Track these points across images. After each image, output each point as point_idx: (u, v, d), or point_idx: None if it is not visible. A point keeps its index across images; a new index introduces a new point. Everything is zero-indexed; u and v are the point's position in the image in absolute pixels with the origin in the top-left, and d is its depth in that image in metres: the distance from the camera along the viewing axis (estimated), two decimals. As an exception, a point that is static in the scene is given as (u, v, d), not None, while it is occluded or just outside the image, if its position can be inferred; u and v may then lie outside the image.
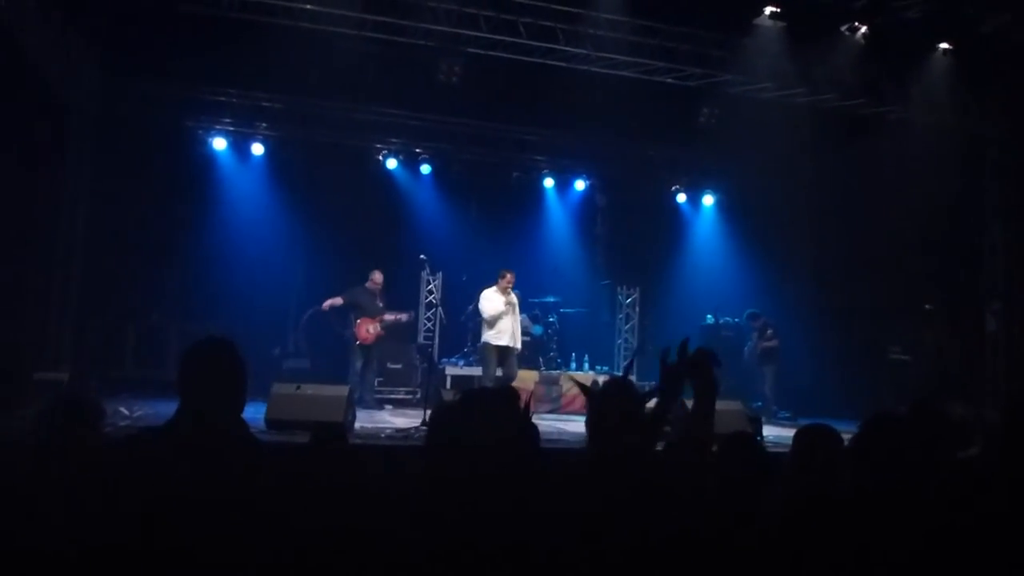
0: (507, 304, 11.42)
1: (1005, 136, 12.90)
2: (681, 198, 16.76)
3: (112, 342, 13.51)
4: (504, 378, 11.26)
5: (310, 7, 10.78)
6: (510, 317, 11.47)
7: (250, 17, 10.69)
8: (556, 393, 13.25)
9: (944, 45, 12.08)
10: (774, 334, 13.93)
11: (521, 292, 14.62)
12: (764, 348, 13.93)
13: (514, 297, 11.66)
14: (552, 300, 14.42)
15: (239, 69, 12.45)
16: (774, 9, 11.51)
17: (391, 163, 14.90)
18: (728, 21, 11.77)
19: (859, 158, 14.39)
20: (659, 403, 2.95)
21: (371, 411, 11.63)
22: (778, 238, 15.67)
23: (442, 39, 11.40)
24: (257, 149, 14.20)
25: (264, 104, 13.95)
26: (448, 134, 14.86)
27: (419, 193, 15.37)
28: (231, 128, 14.07)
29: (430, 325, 14.34)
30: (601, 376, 13.22)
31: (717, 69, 12.21)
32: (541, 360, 13.95)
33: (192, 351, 2.97)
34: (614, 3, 11.60)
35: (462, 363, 13.84)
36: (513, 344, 11.52)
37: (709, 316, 15.56)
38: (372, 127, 14.52)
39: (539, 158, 15.80)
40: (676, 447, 2.93)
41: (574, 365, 14.25)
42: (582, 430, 3.12)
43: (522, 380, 11.81)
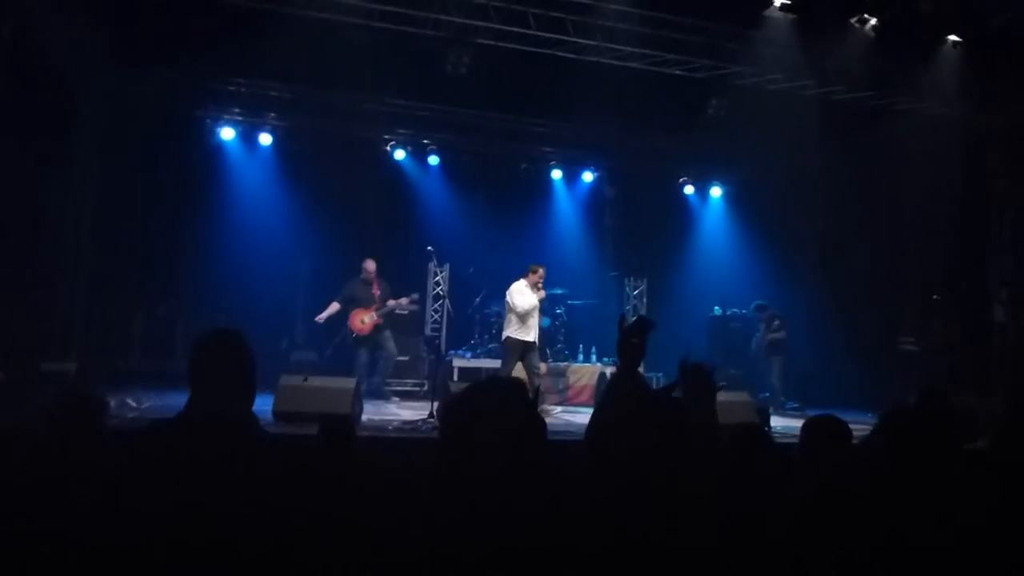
0: (540, 300, 11.40)
1: (1013, 128, 12.85)
2: (689, 190, 16.81)
3: (119, 333, 13.57)
4: (531, 372, 11.21)
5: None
6: (537, 312, 11.44)
7: (260, 6, 10.66)
8: (563, 385, 13.26)
9: (953, 37, 12.02)
10: (781, 325, 13.93)
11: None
12: (771, 339, 13.93)
13: (543, 292, 11.61)
14: (560, 292, 14.35)
15: (248, 59, 12.42)
16: (784, 1, 11.46)
17: (399, 154, 14.94)
18: (738, 13, 11.71)
19: (868, 150, 14.36)
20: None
21: (378, 403, 11.59)
22: (786, 230, 15.66)
23: (451, 30, 11.36)
24: (265, 139, 14.23)
25: (273, 94, 13.93)
26: (456, 125, 14.82)
27: (427, 184, 15.38)
28: (239, 118, 14.11)
29: (437, 317, 14.33)
30: (608, 368, 13.22)
31: (726, 61, 12.16)
32: (548, 352, 13.91)
33: (203, 342, 2.95)
34: (623, -6, 11.57)
35: (469, 355, 13.84)
36: (535, 340, 11.48)
37: (716, 307, 15.58)
38: (380, 118, 14.50)
39: (547, 150, 15.80)
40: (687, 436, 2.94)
41: (581, 357, 14.26)
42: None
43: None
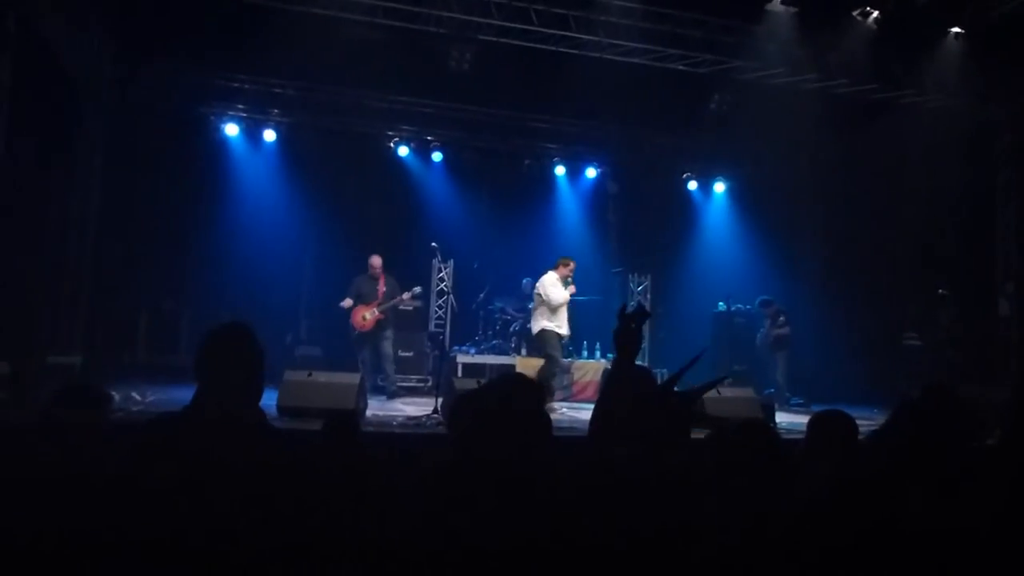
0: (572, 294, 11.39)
1: (1017, 119, 12.84)
2: (692, 185, 16.77)
3: (124, 327, 13.59)
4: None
5: (323, -7, 10.77)
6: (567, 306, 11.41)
7: (263, 3, 10.69)
8: (567, 381, 13.25)
9: (956, 29, 12.00)
10: (786, 321, 13.92)
11: (533, 280, 14.66)
12: (776, 335, 13.91)
13: (574, 288, 11.58)
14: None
15: (251, 55, 12.46)
16: (785, -6, 11.48)
17: (403, 150, 14.94)
18: (739, 7, 11.73)
19: (871, 143, 14.35)
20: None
21: (382, 399, 11.52)
22: (789, 224, 15.67)
23: (454, 26, 11.36)
24: (269, 136, 14.24)
25: (276, 90, 13.97)
26: (460, 122, 14.82)
27: (430, 181, 15.38)
28: (243, 114, 14.14)
29: (441, 313, 14.32)
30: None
31: (728, 55, 12.13)
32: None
33: (211, 336, 2.94)
34: (625, -11, 11.56)
35: (473, 351, 13.86)
36: (569, 333, 11.54)
37: (721, 303, 15.55)
38: (384, 114, 14.52)
39: (550, 146, 15.80)
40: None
41: (585, 353, 14.25)
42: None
43: (533, 367, 11.81)
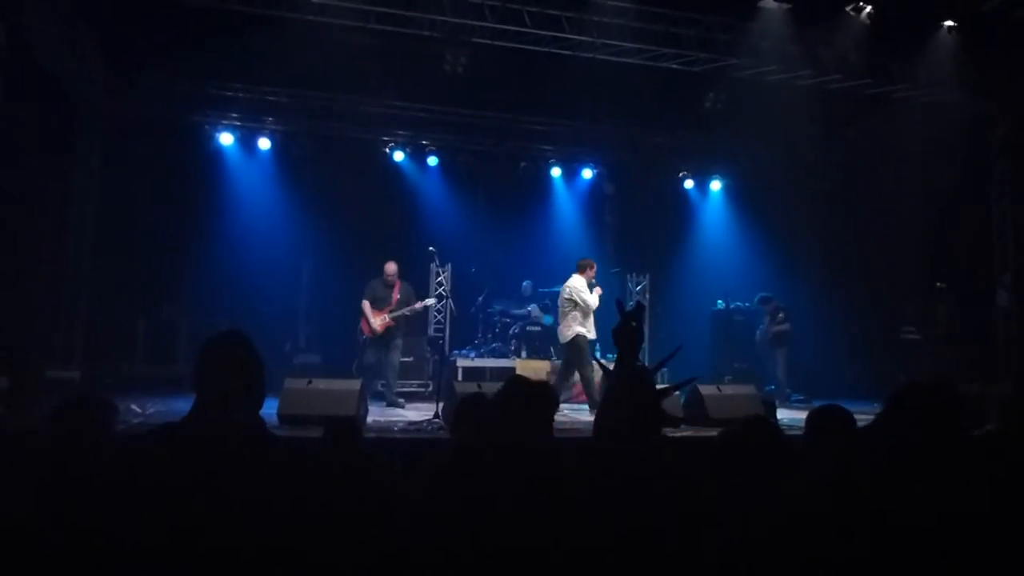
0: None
1: (1011, 111, 12.84)
2: (689, 184, 16.74)
3: (122, 338, 13.55)
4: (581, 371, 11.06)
5: (315, 0, 10.77)
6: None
7: (255, 11, 10.66)
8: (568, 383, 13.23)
9: (949, 23, 12.01)
10: (785, 317, 13.93)
11: (532, 282, 14.67)
12: (776, 332, 13.93)
13: (600, 290, 11.36)
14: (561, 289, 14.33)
15: (245, 63, 12.46)
16: (777, -10, 11.49)
17: (398, 155, 14.90)
18: (732, 4, 11.73)
19: (866, 138, 14.36)
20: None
21: (382, 404, 11.50)
22: (787, 221, 15.64)
23: (447, 30, 11.33)
24: (264, 144, 14.22)
25: (270, 98, 13.91)
26: (455, 125, 14.81)
27: (426, 185, 15.36)
28: (238, 123, 14.10)
29: (440, 317, 14.32)
30: (611, 364, 13.18)
31: (722, 53, 12.11)
32: (552, 350, 13.88)
33: (209, 346, 2.93)
34: (617, -11, 11.56)
35: (473, 355, 13.84)
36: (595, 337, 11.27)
37: (720, 301, 15.57)
38: (378, 120, 14.47)
39: (546, 147, 15.77)
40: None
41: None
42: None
43: (534, 370, 11.81)
